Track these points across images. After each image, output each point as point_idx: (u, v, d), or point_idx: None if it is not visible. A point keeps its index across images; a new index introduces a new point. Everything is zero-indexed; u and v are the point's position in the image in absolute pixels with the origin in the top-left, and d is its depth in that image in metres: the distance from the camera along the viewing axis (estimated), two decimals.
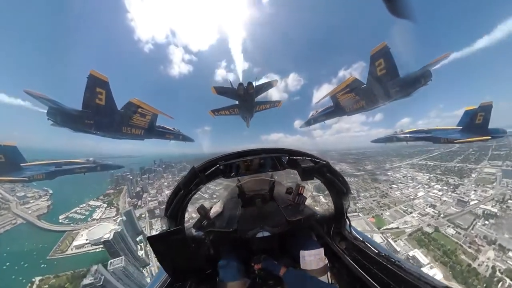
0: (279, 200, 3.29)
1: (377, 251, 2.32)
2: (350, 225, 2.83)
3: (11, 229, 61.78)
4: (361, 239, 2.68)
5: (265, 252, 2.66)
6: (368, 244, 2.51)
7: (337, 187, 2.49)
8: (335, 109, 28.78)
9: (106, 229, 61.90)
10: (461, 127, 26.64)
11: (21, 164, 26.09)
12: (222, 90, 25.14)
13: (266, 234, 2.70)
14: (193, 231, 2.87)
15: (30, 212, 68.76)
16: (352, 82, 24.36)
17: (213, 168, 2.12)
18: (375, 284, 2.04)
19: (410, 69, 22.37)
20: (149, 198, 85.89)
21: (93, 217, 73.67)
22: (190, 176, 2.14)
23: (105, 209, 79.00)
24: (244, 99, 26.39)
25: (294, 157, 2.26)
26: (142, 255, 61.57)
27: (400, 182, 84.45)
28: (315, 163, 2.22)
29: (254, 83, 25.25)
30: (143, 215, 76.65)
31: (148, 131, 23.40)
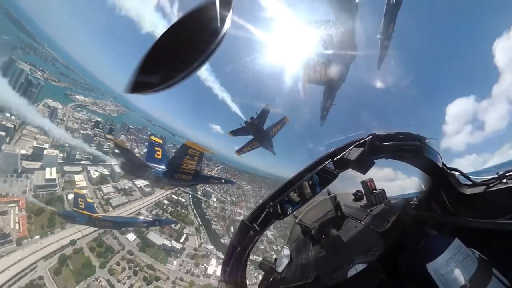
0: (354, 214, 2.68)
1: None
2: (463, 173, 2.05)
3: None
4: (496, 175, 1.87)
5: None
6: None
7: (405, 147, 1.89)
8: (329, 88, 29.73)
9: None
10: None
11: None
12: (236, 132, 30.75)
13: (361, 267, 2.00)
14: None
15: None
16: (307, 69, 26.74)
17: (264, 214, 1.86)
18: None
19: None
20: None
21: None
22: (241, 231, 1.92)
23: None
24: (256, 132, 31.14)
25: (338, 157, 1.90)
26: None
27: None
28: (363, 145, 1.83)
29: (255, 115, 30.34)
30: None
31: (195, 177, 27.34)
